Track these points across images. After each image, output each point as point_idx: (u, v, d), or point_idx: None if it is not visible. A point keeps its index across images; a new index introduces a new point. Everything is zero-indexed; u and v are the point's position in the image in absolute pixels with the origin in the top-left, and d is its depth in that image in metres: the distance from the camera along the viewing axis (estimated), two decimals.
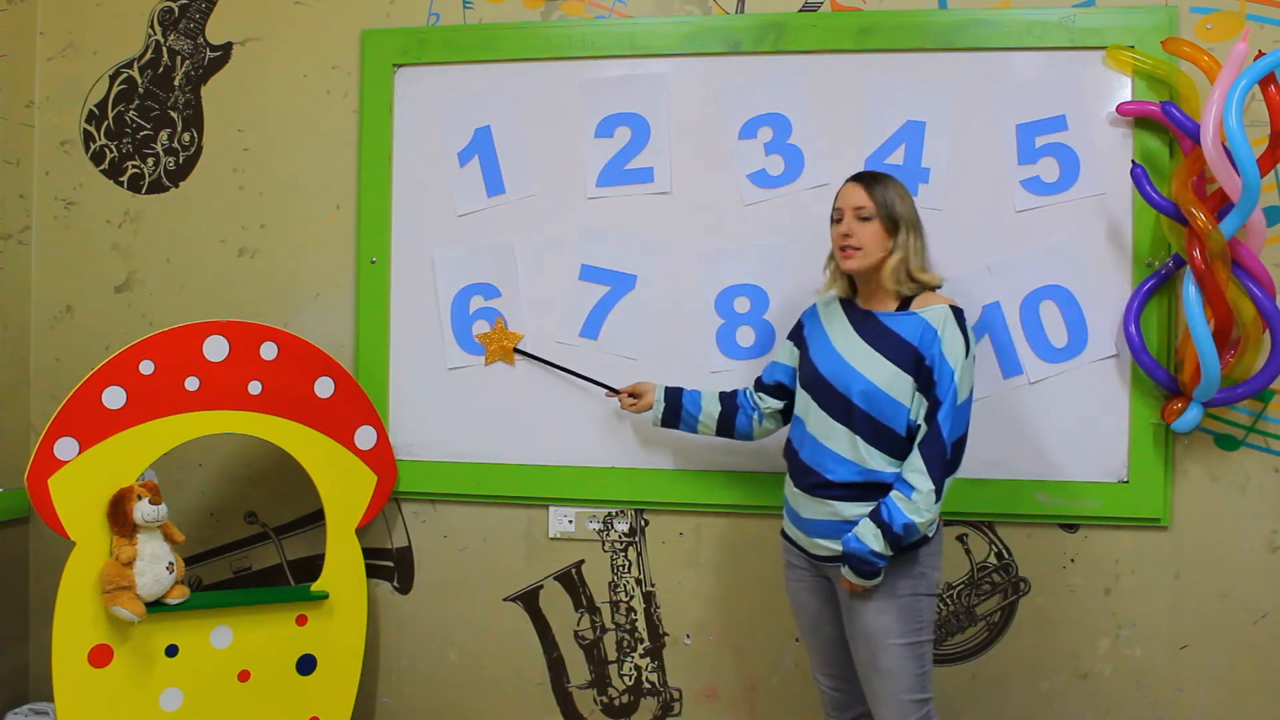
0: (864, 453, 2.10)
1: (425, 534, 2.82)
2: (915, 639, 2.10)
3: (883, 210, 2.14)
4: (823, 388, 2.17)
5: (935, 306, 2.11)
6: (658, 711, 2.77)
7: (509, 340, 2.70)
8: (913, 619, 2.10)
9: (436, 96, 2.77)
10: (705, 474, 2.67)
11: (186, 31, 2.90)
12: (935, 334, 2.07)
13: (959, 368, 2.05)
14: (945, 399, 2.04)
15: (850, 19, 2.62)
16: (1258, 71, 2.20)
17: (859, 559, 2.04)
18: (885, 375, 2.09)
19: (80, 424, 2.38)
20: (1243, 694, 2.54)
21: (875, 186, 2.17)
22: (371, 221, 2.79)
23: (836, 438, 2.13)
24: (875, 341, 2.13)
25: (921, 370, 2.08)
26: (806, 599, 2.27)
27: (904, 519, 2.02)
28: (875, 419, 2.10)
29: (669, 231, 2.68)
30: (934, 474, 2.03)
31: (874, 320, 2.16)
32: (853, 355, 2.15)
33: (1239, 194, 2.23)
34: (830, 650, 2.28)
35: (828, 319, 2.26)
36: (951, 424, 2.04)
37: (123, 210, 2.92)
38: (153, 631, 2.42)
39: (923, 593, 2.11)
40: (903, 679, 2.09)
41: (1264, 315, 2.32)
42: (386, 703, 2.84)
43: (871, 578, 2.06)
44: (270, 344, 2.56)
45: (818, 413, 2.17)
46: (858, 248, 2.15)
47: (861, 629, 2.13)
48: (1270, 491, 2.52)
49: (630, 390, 2.57)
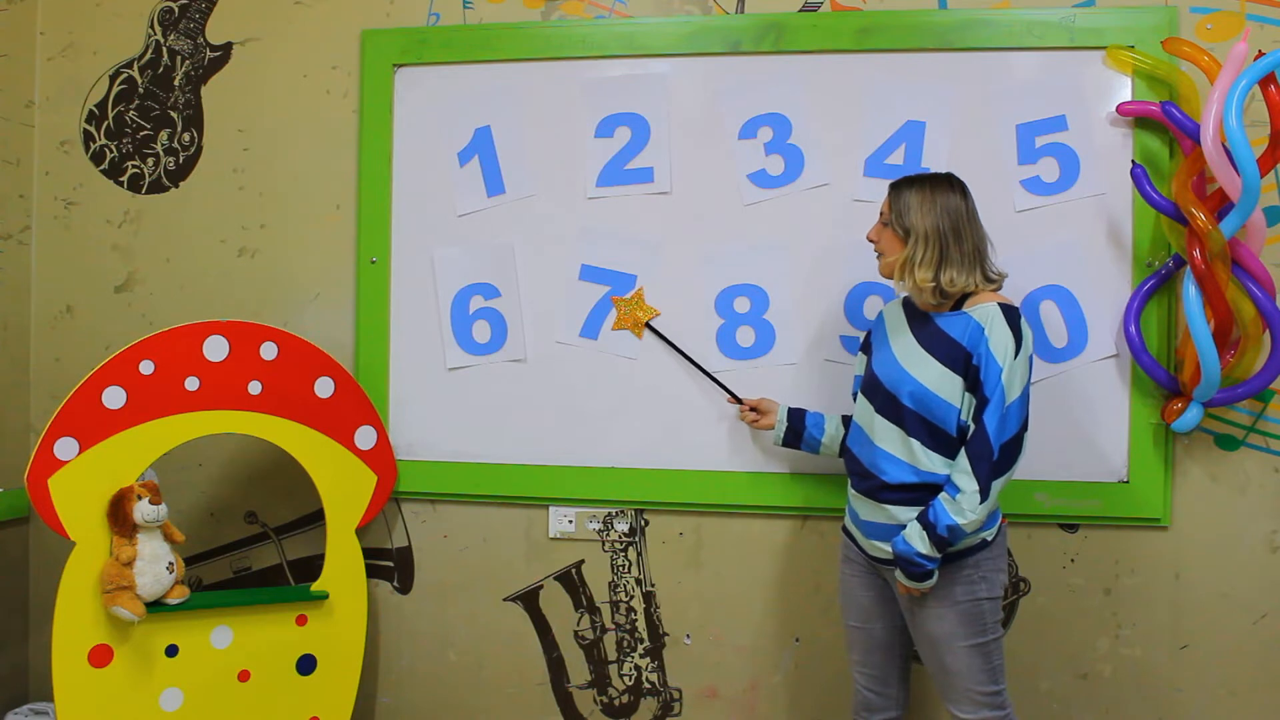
0: (919, 454, 2.10)
1: (425, 534, 2.82)
2: (980, 639, 2.10)
3: (895, 217, 2.15)
4: (878, 390, 2.19)
5: (985, 305, 2.09)
6: (658, 711, 2.77)
7: (644, 314, 2.66)
8: (974, 623, 2.10)
9: (436, 96, 2.77)
10: (705, 474, 2.67)
11: (186, 31, 2.90)
12: (981, 332, 2.06)
13: (1007, 366, 2.02)
14: (993, 398, 2.02)
15: (850, 19, 2.62)
16: (1258, 71, 2.20)
17: (906, 560, 2.05)
18: (933, 375, 2.09)
19: (80, 424, 2.38)
20: (1243, 694, 2.54)
21: (897, 193, 2.18)
22: (371, 221, 2.79)
23: (890, 438, 2.14)
24: (928, 342, 2.13)
25: (970, 369, 2.07)
26: (860, 595, 2.27)
27: (948, 520, 2.01)
28: (926, 419, 2.10)
29: (669, 231, 2.68)
30: (979, 474, 2.01)
31: (929, 321, 2.16)
32: (905, 357, 2.15)
33: (1239, 194, 2.23)
34: (873, 650, 2.28)
35: (891, 323, 2.26)
36: (999, 423, 2.01)
37: (123, 210, 2.92)
38: (153, 631, 2.42)
39: (983, 597, 2.10)
40: (971, 675, 2.10)
41: (1264, 315, 2.32)
42: (386, 703, 2.84)
43: (922, 580, 2.06)
44: (270, 344, 2.56)
45: (872, 414, 2.19)
46: (879, 253, 2.20)
47: (924, 633, 2.13)
48: (1270, 491, 2.52)
49: (753, 404, 2.53)
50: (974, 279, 2.11)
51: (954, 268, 2.11)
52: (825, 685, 2.68)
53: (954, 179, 2.18)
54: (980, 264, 2.13)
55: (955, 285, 2.10)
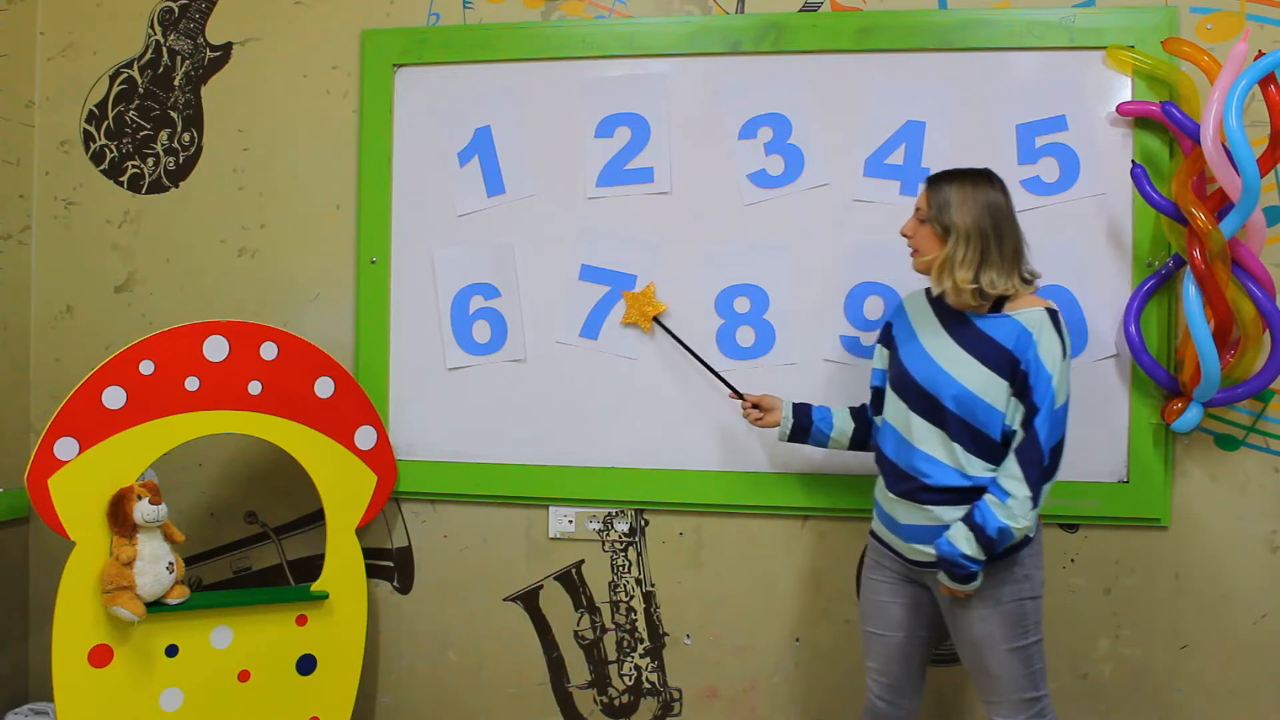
0: (960, 458, 2.06)
1: (425, 534, 2.82)
2: (1022, 642, 2.07)
3: (934, 213, 2.08)
4: (913, 390, 2.13)
5: (1031, 309, 2.05)
6: (658, 711, 2.77)
7: (652, 308, 2.62)
8: (1017, 624, 2.07)
9: (436, 96, 2.77)
10: (705, 474, 2.67)
11: (186, 31, 2.90)
12: (1031, 338, 2.01)
13: (1056, 372, 2.00)
14: (1043, 405, 1.99)
15: (850, 19, 2.62)
16: (1258, 71, 2.20)
17: (950, 562, 2.01)
18: (978, 379, 2.05)
19: (80, 424, 2.38)
20: (1243, 694, 2.54)
21: (935, 188, 2.10)
22: (371, 221, 2.79)
23: (931, 441, 2.09)
24: (968, 344, 2.07)
25: (1017, 375, 2.02)
26: (887, 603, 2.22)
27: (999, 523, 1.98)
28: (970, 424, 2.05)
29: (669, 231, 2.68)
30: (1030, 479, 1.99)
31: (966, 321, 2.10)
32: (944, 358, 2.09)
33: (1239, 194, 2.23)
34: (892, 660, 2.23)
35: (916, 318, 2.20)
36: (1049, 430, 1.99)
37: (123, 210, 2.92)
38: (153, 631, 2.42)
39: (1026, 596, 2.08)
40: (1012, 680, 2.07)
41: (1264, 315, 2.32)
42: (386, 703, 2.84)
43: (966, 582, 2.03)
44: (270, 344, 2.56)
45: (909, 415, 2.13)
46: (914, 249, 2.14)
47: (966, 636, 2.10)
48: (1270, 491, 2.52)
49: (756, 401, 2.44)
50: (1013, 282, 2.05)
51: (994, 269, 2.04)
52: (825, 685, 2.68)
53: (992, 174, 2.11)
54: (1018, 265, 2.07)
55: (995, 288, 2.04)
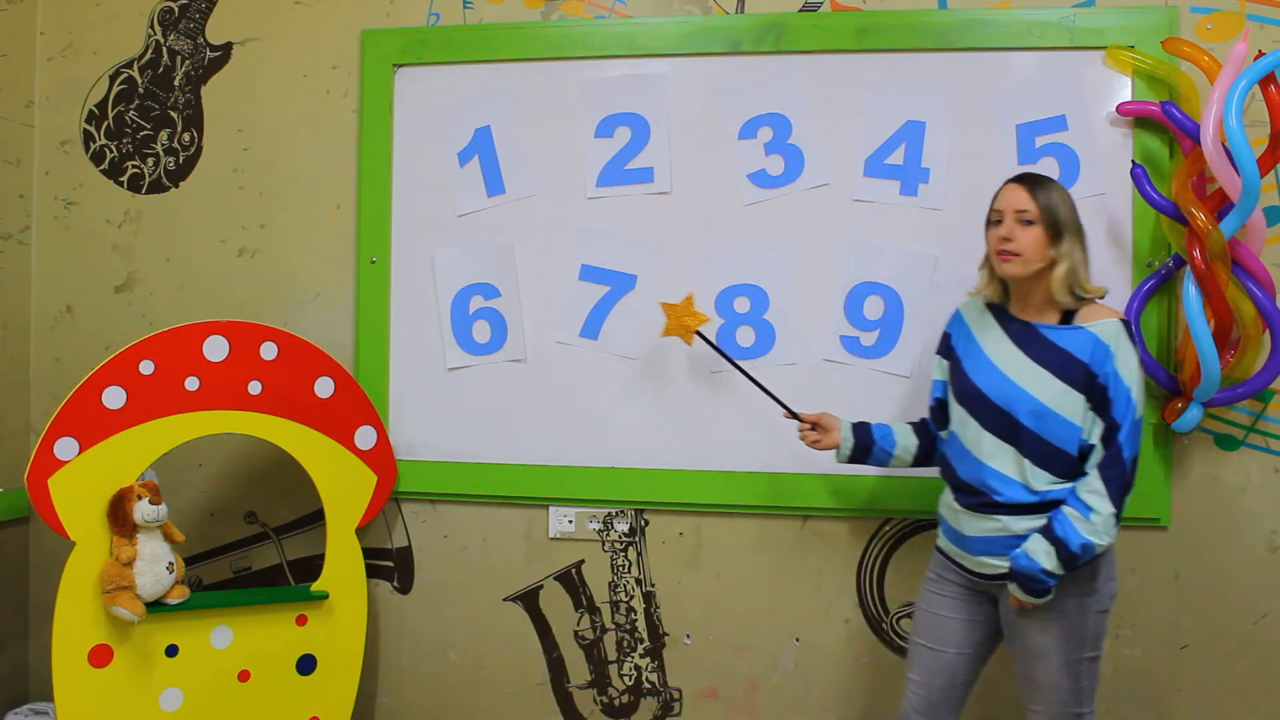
0: (1029, 474, 2.03)
1: (425, 534, 2.82)
2: (1077, 656, 2.03)
3: (1046, 215, 2.03)
4: (982, 404, 2.09)
5: (1106, 320, 2.02)
6: (658, 711, 2.77)
7: (692, 320, 2.51)
8: (1076, 638, 2.03)
9: (436, 96, 2.77)
10: (705, 474, 2.67)
11: (186, 31, 2.90)
12: (1108, 351, 1.98)
13: (1135, 385, 1.97)
14: (1125, 420, 1.96)
15: (850, 19, 2.62)
16: (1258, 71, 2.20)
17: (1028, 577, 1.97)
18: (1054, 393, 2.01)
19: (80, 424, 2.38)
20: (1243, 694, 2.54)
21: (1039, 189, 2.06)
22: (371, 221, 2.79)
23: (1001, 457, 2.06)
24: (1040, 356, 2.04)
25: (1094, 389, 1.99)
26: (945, 617, 2.18)
27: (1082, 539, 1.94)
28: (1046, 440, 2.02)
29: (669, 231, 2.68)
30: (1114, 496, 1.96)
31: (1035, 333, 2.06)
32: (1015, 370, 2.05)
33: (1239, 194, 2.23)
34: (937, 675, 2.18)
35: (979, 329, 2.16)
36: (1131, 444, 1.96)
37: (123, 210, 2.92)
38: (153, 631, 2.42)
39: (1093, 609, 2.05)
40: (1056, 693, 2.04)
41: (1264, 315, 2.32)
42: (386, 703, 2.84)
43: (1041, 596, 1.99)
44: (270, 344, 2.56)
45: (978, 430, 2.09)
46: (1017, 253, 2.05)
47: (1022, 643, 2.07)
48: (1270, 491, 2.52)
49: (815, 421, 2.36)
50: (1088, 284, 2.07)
51: (1084, 268, 2.05)
52: (825, 685, 2.68)
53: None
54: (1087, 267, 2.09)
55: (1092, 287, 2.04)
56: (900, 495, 2.60)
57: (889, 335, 2.60)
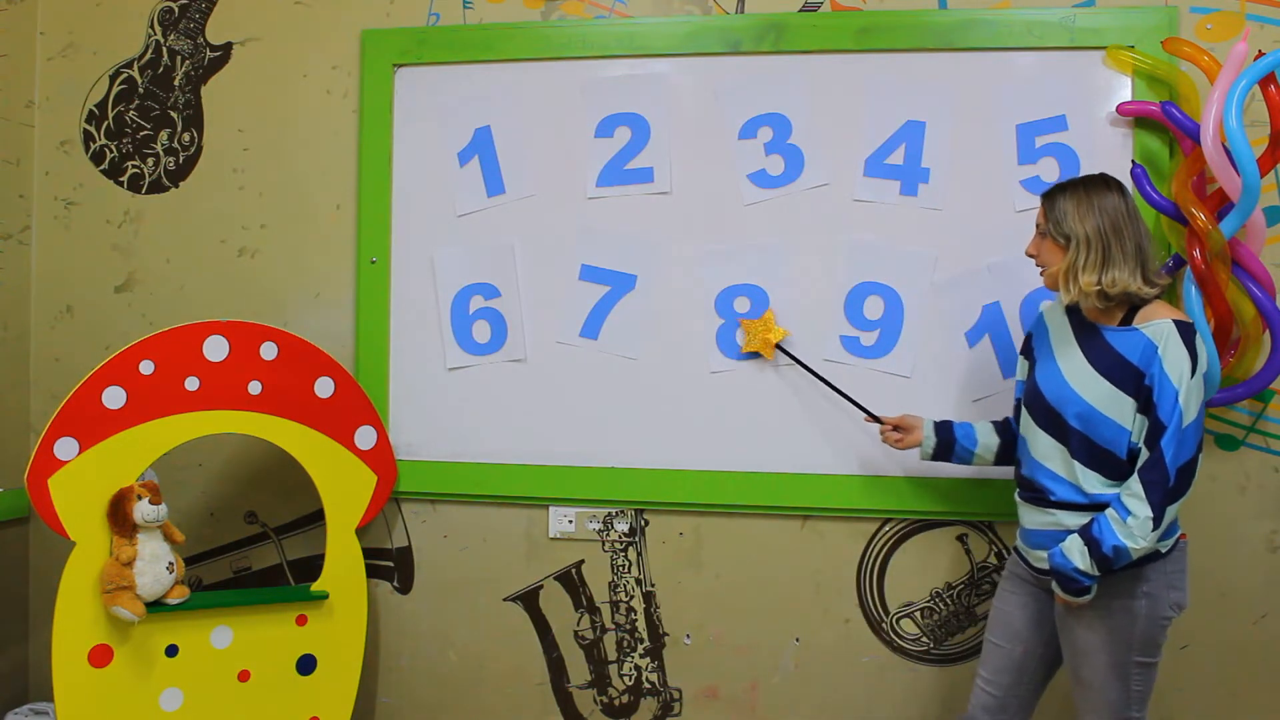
0: (1079, 475, 2.03)
1: (425, 534, 2.82)
2: (1123, 658, 2.01)
3: (1052, 225, 2.06)
4: (1040, 405, 2.10)
5: (1159, 321, 1.98)
6: (658, 711, 2.77)
7: (774, 335, 2.58)
8: (1122, 639, 2.01)
9: (436, 96, 2.77)
10: (705, 474, 2.67)
11: (186, 31, 2.90)
12: (1155, 350, 1.96)
13: (1183, 387, 1.92)
14: (1170, 422, 1.92)
15: (850, 19, 2.62)
16: (1258, 71, 2.20)
17: (1063, 574, 1.98)
18: (1101, 395, 2.00)
19: (80, 424, 2.38)
20: (1243, 694, 2.54)
21: (1049, 199, 2.09)
22: (371, 221, 2.79)
23: (1053, 458, 2.07)
24: (1095, 358, 2.03)
25: (1142, 390, 1.97)
26: (1014, 614, 2.19)
27: (1115, 540, 1.93)
28: (1094, 441, 2.01)
29: (669, 231, 2.68)
30: (1153, 500, 1.92)
31: (1096, 334, 2.06)
32: (1071, 373, 2.06)
33: (1239, 194, 2.23)
34: (1005, 672, 2.18)
35: (1054, 331, 2.16)
36: (1176, 449, 1.92)
37: (123, 210, 2.92)
38: (153, 631, 2.42)
39: (1143, 613, 2.01)
40: (1103, 694, 2.02)
41: (1264, 315, 2.32)
42: (386, 703, 2.84)
43: (1079, 594, 1.98)
44: (270, 344, 2.56)
45: (1035, 430, 2.11)
46: (1040, 264, 2.12)
47: (1070, 641, 2.08)
48: (1270, 491, 2.52)
49: (896, 423, 2.39)
50: (1136, 279, 1.99)
51: (1116, 267, 1.99)
52: (825, 685, 2.68)
53: (1109, 178, 2.08)
54: (1143, 263, 2.01)
55: (1117, 286, 1.98)
56: (900, 495, 2.60)
57: (889, 335, 2.60)
